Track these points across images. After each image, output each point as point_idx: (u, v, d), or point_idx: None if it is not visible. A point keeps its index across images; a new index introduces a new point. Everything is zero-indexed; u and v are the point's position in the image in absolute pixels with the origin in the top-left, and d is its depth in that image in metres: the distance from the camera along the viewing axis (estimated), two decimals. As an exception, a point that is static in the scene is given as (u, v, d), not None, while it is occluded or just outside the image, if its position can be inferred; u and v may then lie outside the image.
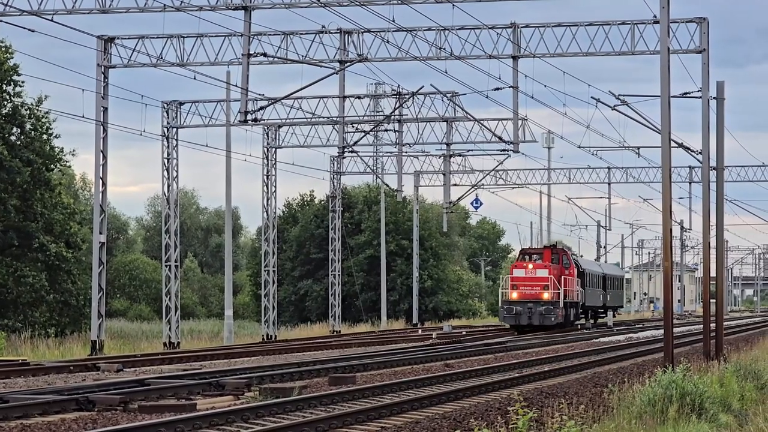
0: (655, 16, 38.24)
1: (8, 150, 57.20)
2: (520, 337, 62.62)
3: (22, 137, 61.06)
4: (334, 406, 23.28)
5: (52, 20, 38.56)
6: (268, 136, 66.52)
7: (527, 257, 70.77)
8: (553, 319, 61.95)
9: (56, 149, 64.63)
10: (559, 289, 63.03)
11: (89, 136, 44.33)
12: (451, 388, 27.80)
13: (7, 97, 60.53)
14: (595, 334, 69.70)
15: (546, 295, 62.16)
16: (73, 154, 67.82)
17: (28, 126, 62.23)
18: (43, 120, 63.20)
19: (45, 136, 63.31)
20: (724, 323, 48.40)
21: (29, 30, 40.67)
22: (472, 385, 28.51)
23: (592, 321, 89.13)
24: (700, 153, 46.96)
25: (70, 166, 77.39)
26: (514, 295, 63.47)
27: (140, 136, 51.07)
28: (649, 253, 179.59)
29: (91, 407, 22.51)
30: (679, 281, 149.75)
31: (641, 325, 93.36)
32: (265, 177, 66.52)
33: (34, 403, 22.43)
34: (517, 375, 32.75)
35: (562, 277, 67.02)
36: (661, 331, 38.93)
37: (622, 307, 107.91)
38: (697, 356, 38.55)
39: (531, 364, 38.10)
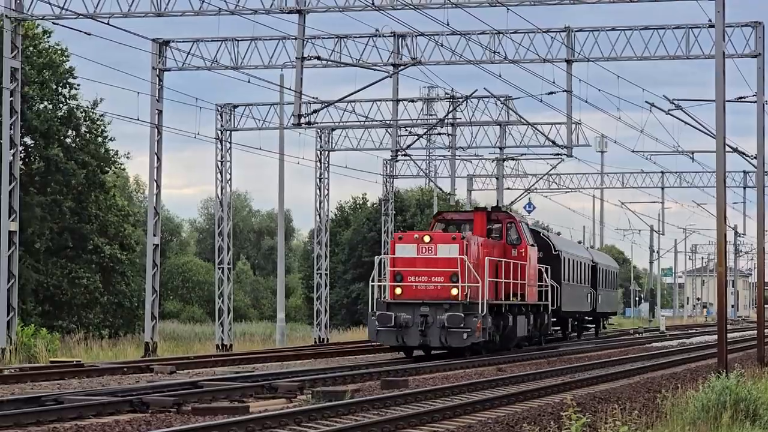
0: (710, 20, 38.03)
1: (64, 152, 57.64)
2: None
3: (78, 140, 61.65)
4: (386, 409, 23.22)
5: (108, 23, 38.87)
6: (321, 139, 66.22)
7: (442, 226, 42.03)
8: (465, 336, 34.68)
9: (111, 152, 65.24)
10: (476, 282, 35.05)
11: (144, 139, 44.63)
12: (504, 392, 27.65)
13: (63, 99, 61.15)
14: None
15: (455, 292, 34.73)
16: (127, 157, 68.03)
17: (83, 128, 62.51)
18: (99, 123, 63.39)
19: (100, 139, 63.70)
20: None
21: (86, 33, 40.94)
22: (525, 390, 28.22)
23: (574, 334, 62.47)
24: (754, 157, 46.64)
25: (124, 169, 77.66)
26: (397, 291, 35.74)
27: (194, 139, 51.28)
28: (702, 258, 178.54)
29: (144, 409, 22.61)
30: (733, 286, 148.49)
31: (694, 331, 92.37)
32: (317, 180, 66.20)
33: (89, 405, 22.52)
34: (569, 380, 32.52)
35: (504, 262, 39.69)
36: (715, 337, 38.75)
37: (615, 314, 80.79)
38: (751, 362, 38.04)
39: (583, 368, 37.77)
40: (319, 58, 44.94)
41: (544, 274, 46.89)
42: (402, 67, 48.88)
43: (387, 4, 38.64)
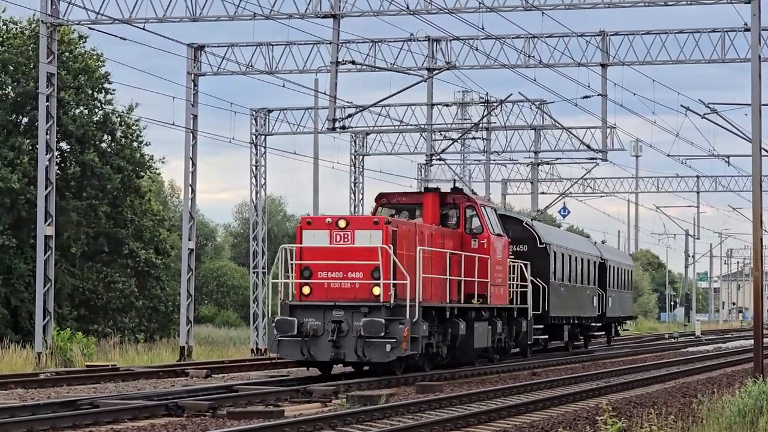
0: (745, 24, 38.06)
1: (99, 157, 57.39)
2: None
3: (113, 144, 61.20)
4: (421, 414, 23.22)
5: (143, 28, 39.13)
6: (355, 143, 66.74)
7: (388, 212, 33.88)
8: (389, 348, 28.08)
9: (146, 156, 65.20)
10: (404, 278, 28.21)
11: (179, 143, 45.08)
12: (538, 397, 27.66)
13: (99, 104, 60.89)
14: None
15: (377, 291, 28.28)
16: (162, 162, 68.30)
17: (118, 133, 62.41)
18: (134, 127, 63.37)
19: (135, 144, 63.51)
20: None
21: (121, 38, 41.21)
22: (560, 395, 28.33)
23: (581, 342, 54.42)
24: None
25: (159, 173, 77.91)
26: (305, 290, 29.22)
27: (229, 143, 51.65)
28: (738, 262, 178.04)
29: (180, 413, 22.78)
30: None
31: (730, 335, 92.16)
32: (352, 184, 66.38)
33: (124, 408, 22.65)
34: (604, 384, 32.48)
35: (463, 254, 33.28)
36: (751, 341, 38.68)
37: (632, 318, 73.38)
38: None
39: (619, 373, 37.68)
40: (353, 62, 45.02)
41: (525, 271, 38.94)
42: (436, 71, 49.18)
43: (421, 9, 38.69)
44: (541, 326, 42.62)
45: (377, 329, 27.55)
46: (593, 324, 53.47)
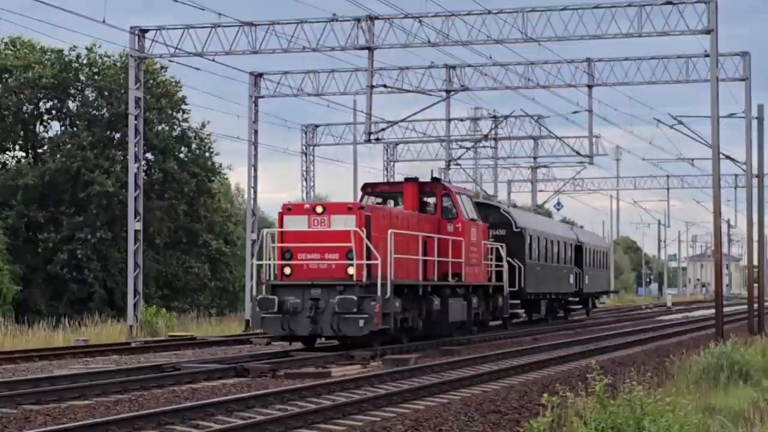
0: (706, 51, 38.10)
1: (178, 165, 58.41)
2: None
3: (189, 155, 61.82)
4: (443, 373, 23.38)
5: (213, 60, 39.58)
6: (387, 152, 66.92)
7: (372, 200, 31.85)
8: (362, 323, 25.96)
9: (216, 164, 65.50)
10: (375, 259, 25.87)
11: (243, 153, 45.12)
12: (538, 358, 27.85)
13: (177, 122, 61.66)
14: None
15: (351, 271, 26.40)
16: (229, 168, 69.06)
17: (193, 145, 63.09)
18: (206, 141, 63.93)
19: (207, 154, 63.89)
20: (766, 304, 48.09)
21: (195, 68, 41.62)
22: (556, 356, 28.57)
23: (561, 314, 51.34)
24: (744, 164, 46.61)
25: (227, 178, 77.94)
26: (286, 271, 27.21)
27: (284, 153, 51.92)
28: (701, 246, 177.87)
29: (246, 374, 22.97)
30: (727, 269, 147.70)
31: (695, 306, 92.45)
32: (385, 185, 66.87)
33: (201, 371, 23.02)
34: (593, 347, 32.62)
35: (437, 237, 30.31)
36: (713, 311, 38.67)
37: (607, 293, 67.07)
38: (743, 332, 37.62)
39: (605, 338, 37.90)
40: (385, 86, 45.35)
41: (501, 252, 36.20)
42: (453, 92, 49.68)
43: (440, 42, 38.78)
44: (518, 301, 39.25)
45: (350, 306, 25.21)
46: (571, 298, 50.65)
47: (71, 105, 61.29)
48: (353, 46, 39.03)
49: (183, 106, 62.04)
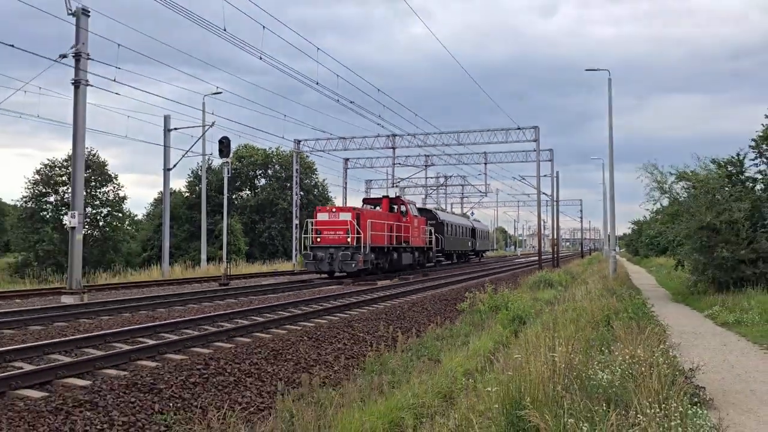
0: (534, 147, 39.31)
1: (308, 202, 57.96)
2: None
3: (312, 197, 60.77)
4: (420, 284, 23.40)
5: (323, 150, 41.32)
6: (402, 190, 63.76)
7: (368, 206, 30.95)
8: (353, 265, 25.20)
9: (329, 194, 64.10)
10: (360, 234, 25.48)
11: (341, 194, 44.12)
12: (462, 278, 27.17)
13: (313, 178, 62.64)
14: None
15: (348, 240, 26.09)
16: (334, 198, 65.52)
17: (315, 192, 62.22)
18: (322, 188, 63.48)
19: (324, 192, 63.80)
20: (560, 256, 50.95)
21: (319, 156, 43.60)
22: (469, 277, 28.21)
23: (462, 260, 47.57)
24: (550, 195, 49.50)
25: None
26: (318, 240, 26.73)
27: (357, 191, 50.51)
28: (533, 229, 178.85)
29: (340, 283, 23.19)
30: (543, 240, 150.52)
31: (530, 257, 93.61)
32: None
33: (322, 282, 23.00)
34: (485, 272, 32.34)
35: (396, 224, 29.58)
36: (537, 258, 40.69)
37: (488, 251, 64.62)
38: (550, 267, 38.18)
39: (491, 269, 37.20)
40: (401, 164, 45.21)
41: (432, 231, 34.87)
42: (429, 165, 47.98)
43: (422, 143, 40.14)
44: (440, 255, 38.98)
45: (347, 257, 24.26)
46: (470, 253, 48.92)
47: (269, 171, 62.51)
48: (386, 146, 40.27)
49: (314, 171, 62.96)
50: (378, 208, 29.79)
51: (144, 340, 10.17)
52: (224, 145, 27.10)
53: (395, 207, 30.56)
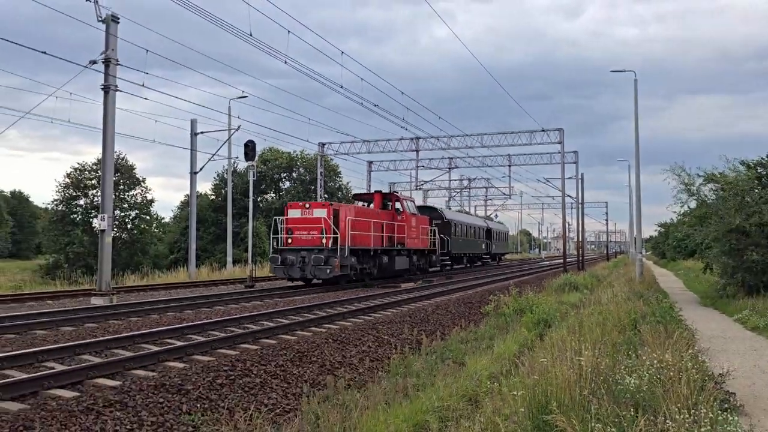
0: (559, 150, 39.01)
1: (332, 196, 58.48)
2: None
3: (337, 200, 59.63)
4: (443, 287, 23.12)
5: (347, 153, 41.20)
6: (425, 194, 65.71)
7: (359, 203, 27.55)
8: (328, 271, 20.51)
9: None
10: (337, 234, 21.05)
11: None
12: (489, 280, 27.55)
13: (336, 181, 62.84)
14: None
15: (324, 241, 21.18)
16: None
17: (339, 194, 62.18)
18: (346, 191, 63.07)
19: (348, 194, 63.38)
20: (585, 258, 50.58)
21: (344, 159, 43.76)
22: (497, 279, 28.31)
23: (479, 264, 44.56)
24: (575, 198, 49.18)
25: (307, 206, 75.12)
26: (289, 241, 21.73)
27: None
28: (558, 232, 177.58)
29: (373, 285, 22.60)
30: (568, 242, 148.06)
31: (555, 260, 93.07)
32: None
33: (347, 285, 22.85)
34: (508, 275, 32.01)
35: (388, 223, 25.58)
36: (561, 261, 40.57)
37: (507, 254, 60.61)
38: (575, 270, 38.12)
39: (515, 272, 36.71)
40: (424, 167, 45.33)
41: (437, 232, 30.99)
42: (454, 167, 47.19)
43: (446, 146, 39.64)
44: (447, 258, 34.61)
45: (320, 261, 20.21)
46: (484, 256, 45.15)
47: (294, 174, 62.58)
48: (409, 149, 39.95)
49: (339, 174, 63.02)
50: (371, 205, 26.11)
51: (172, 341, 10.26)
52: (249, 148, 27.30)
53: (389, 204, 26.53)
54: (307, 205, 21.55)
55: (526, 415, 5.02)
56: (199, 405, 7.05)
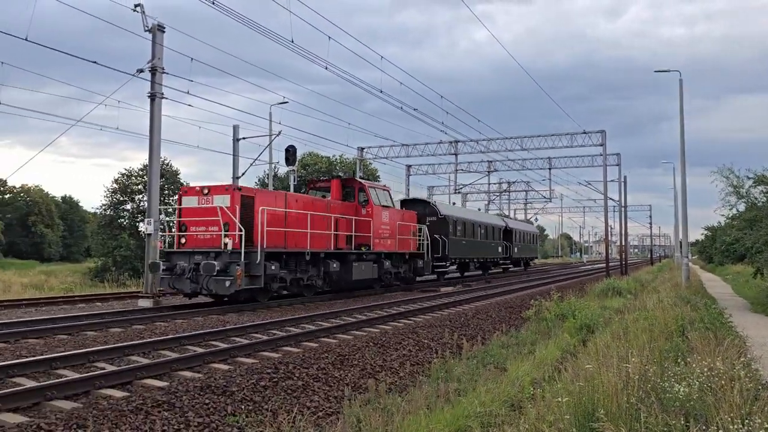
0: (600, 152, 38.39)
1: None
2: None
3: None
4: (483, 291, 23.47)
5: (386, 157, 41.41)
6: (463, 196, 65.56)
7: (314, 193, 20.74)
8: (227, 284, 13.94)
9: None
10: (242, 231, 14.24)
11: (399, 196, 42.92)
12: (529, 284, 27.35)
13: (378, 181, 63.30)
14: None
15: (227, 240, 14.13)
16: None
17: None
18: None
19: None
20: (628, 263, 49.45)
21: (383, 163, 44.05)
22: (537, 284, 28.24)
23: (481, 272, 36.24)
24: (617, 201, 48.23)
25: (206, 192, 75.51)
26: (182, 240, 14.84)
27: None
28: (600, 235, 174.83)
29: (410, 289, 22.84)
30: (610, 246, 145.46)
31: (596, 264, 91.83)
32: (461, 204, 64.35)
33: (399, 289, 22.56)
34: (548, 280, 31.80)
35: (344, 217, 19.08)
36: (604, 265, 39.91)
37: (533, 258, 48.68)
38: (618, 274, 37.49)
39: (555, 276, 36.96)
40: (463, 170, 45.72)
41: (427, 231, 24.49)
42: (494, 170, 47.54)
43: (491, 149, 39.65)
44: (443, 263, 27.68)
45: (211, 269, 14.60)
46: (501, 261, 37.31)
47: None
48: (448, 153, 40.21)
49: (378, 179, 62.72)
50: (327, 195, 20.44)
51: (216, 343, 10.46)
52: (290, 153, 27.61)
53: (349, 192, 20.56)
54: (206, 191, 15.50)
55: (572, 422, 4.92)
56: (243, 406, 7.14)
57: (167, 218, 16.89)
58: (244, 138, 34.12)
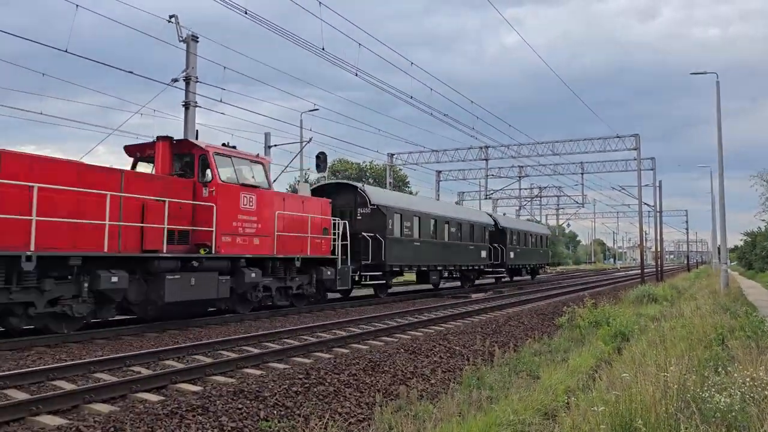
0: (634, 157, 38.10)
1: None
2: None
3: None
4: (512, 298, 23.28)
5: (416, 163, 42.21)
6: (493, 202, 65.81)
7: (142, 162, 12.74)
8: None
9: None
10: None
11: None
12: (562, 290, 27.51)
13: (404, 191, 62.07)
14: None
15: None
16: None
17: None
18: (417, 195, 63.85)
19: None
20: (664, 269, 48.63)
21: (413, 169, 44.17)
22: (570, 290, 28.15)
23: (465, 286, 28.12)
24: (652, 206, 47.45)
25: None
26: None
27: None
28: (634, 241, 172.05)
29: (440, 295, 23.08)
30: (645, 252, 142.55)
31: (631, 270, 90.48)
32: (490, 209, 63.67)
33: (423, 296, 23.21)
34: (584, 286, 31.86)
35: (175, 201, 11.55)
36: (638, 271, 39.81)
37: (542, 266, 38.52)
38: (654, 280, 37.10)
39: (590, 282, 36.91)
40: (492, 175, 45.11)
41: (346, 229, 17.87)
42: (525, 175, 47.04)
43: (522, 154, 39.66)
44: (380, 272, 20.05)
45: None
46: (487, 269, 29.34)
47: None
48: (478, 158, 40.25)
49: (408, 185, 63.34)
50: (152, 167, 13.66)
51: (248, 348, 10.52)
52: (321, 159, 27.79)
53: (187, 163, 13.50)
54: None
55: (609, 432, 4.80)
56: (275, 412, 7.16)
57: None
58: (275, 145, 34.48)
